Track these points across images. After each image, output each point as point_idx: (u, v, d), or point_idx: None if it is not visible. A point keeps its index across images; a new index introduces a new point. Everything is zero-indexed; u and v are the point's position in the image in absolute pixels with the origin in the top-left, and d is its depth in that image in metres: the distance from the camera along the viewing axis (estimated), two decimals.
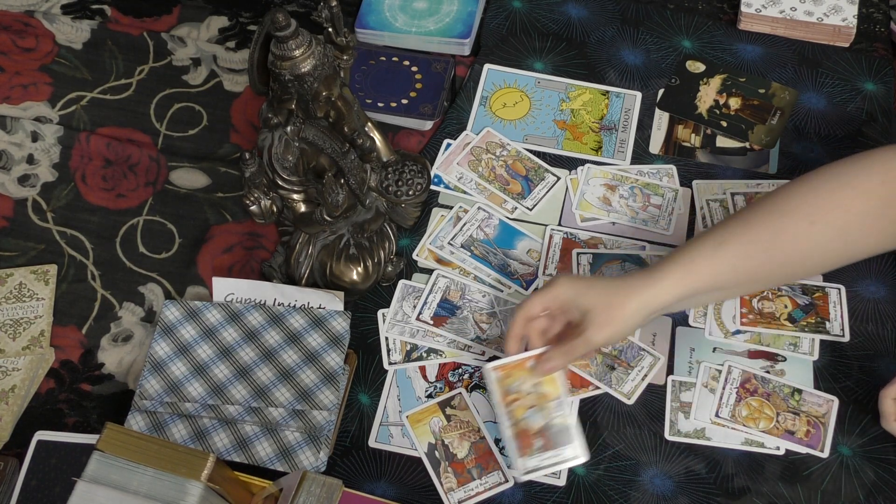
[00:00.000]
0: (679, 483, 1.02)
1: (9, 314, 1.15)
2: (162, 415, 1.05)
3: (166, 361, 1.08)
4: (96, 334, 1.15)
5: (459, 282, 1.15)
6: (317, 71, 0.96)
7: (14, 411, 1.09)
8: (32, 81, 1.34)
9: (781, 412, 1.05)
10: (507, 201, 1.21)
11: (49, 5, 1.41)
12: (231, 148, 1.29)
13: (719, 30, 1.35)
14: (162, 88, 1.33)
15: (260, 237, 1.21)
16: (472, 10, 1.35)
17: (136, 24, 1.39)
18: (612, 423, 1.06)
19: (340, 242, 1.13)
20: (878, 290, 1.12)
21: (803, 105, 1.27)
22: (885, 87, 1.28)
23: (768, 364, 1.08)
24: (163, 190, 1.25)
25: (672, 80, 1.30)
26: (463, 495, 1.01)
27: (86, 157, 1.27)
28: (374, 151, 1.06)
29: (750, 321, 1.10)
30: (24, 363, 1.12)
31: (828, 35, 1.32)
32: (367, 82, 1.31)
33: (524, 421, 1.00)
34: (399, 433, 1.06)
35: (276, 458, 1.02)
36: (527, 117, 1.28)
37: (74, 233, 1.22)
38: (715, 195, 1.20)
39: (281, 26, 0.92)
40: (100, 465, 0.84)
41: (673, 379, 1.08)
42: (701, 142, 1.25)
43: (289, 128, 1.02)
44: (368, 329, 1.13)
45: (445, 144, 1.26)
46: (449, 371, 1.10)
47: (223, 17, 1.40)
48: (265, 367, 1.07)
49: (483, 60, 1.33)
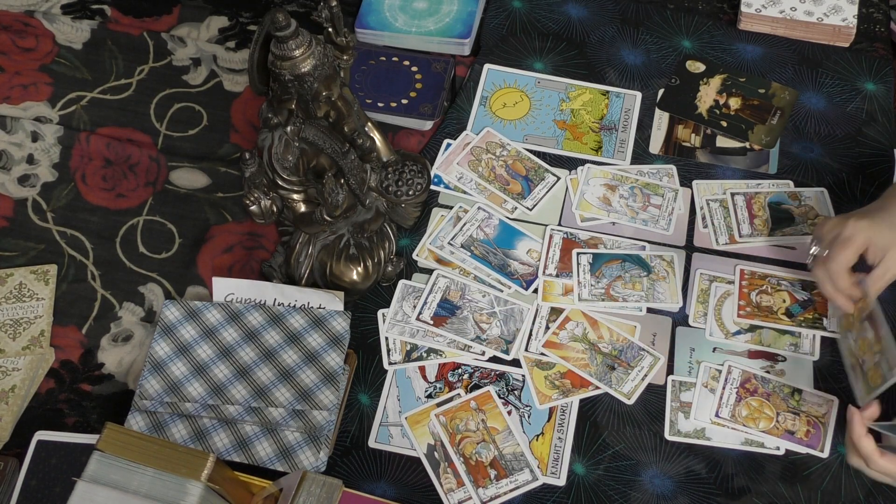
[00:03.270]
0: (679, 483, 1.02)
1: (9, 314, 1.15)
2: (162, 415, 1.05)
3: (166, 361, 1.08)
4: (96, 334, 1.15)
5: (459, 282, 1.15)
6: (317, 71, 0.96)
7: (14, 411, 1.09)
8: (32, 81, 1.34)
9: (781, 412, 1.05)
10: (507, 201, 1.21)
11: (49, 5, 1.41)
12: (231, 148, 1.29)
13: (719, 30, 1.35)
14: (162, 88, 1.33)
15: (260, 237, 1.21)
16: (472, 10, 1.35)
17: (136, 24, 1.39)
18: (612, 423, 1.06)
19: (340, 242, 1.13)
20: None
21: (803, 105, 1.27)
22: (885, 87, 1.28)
23: (768, 364, 1.08)
24: (163, 190, 1.25)
25: (672, 80, 1.30)
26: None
27: (86, 157, 1.27)
28: (374, 151, 1.06)
29: (747, 314, 1.10)
30: (24, 363, 1.12)
31: (828, 35, 1.32)
32: (367, 82, 1.31)
33: (475, 455, 1.03)
34: (399, 433, 1.06)
35: (276, 458, 1.02)
36: (527, 117, 1.28)
37: (74, 233, 1.22)
38: (715, 195, 1.20)
39: (281, 26, 0.92)
40: (100, 465, 0.84)
41: (673, 379, 1.08)
42: (701, 142, 1.25)
43: (289, 128, 1.02)
44: (368, 329, 1.13)
45: (445, 144, 1.26)
46: (449, 371, 1.10)
47: (223, 17, 1.40)
48: (265, 367, 1.07)
49: (483, 60, 1.33)
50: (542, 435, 1.05)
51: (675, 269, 1.15)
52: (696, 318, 1.11)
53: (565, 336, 1.11)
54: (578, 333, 1.11)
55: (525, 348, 1.10)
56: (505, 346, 1.10)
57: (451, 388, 1.08)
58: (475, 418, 1.06)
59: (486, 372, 1.09)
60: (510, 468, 1.02)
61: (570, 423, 1.06)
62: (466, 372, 1.09)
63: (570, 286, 1.14)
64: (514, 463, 1.03)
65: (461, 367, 1.10)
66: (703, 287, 1.13)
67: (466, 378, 1.09)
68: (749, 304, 1.11)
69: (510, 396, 1.07)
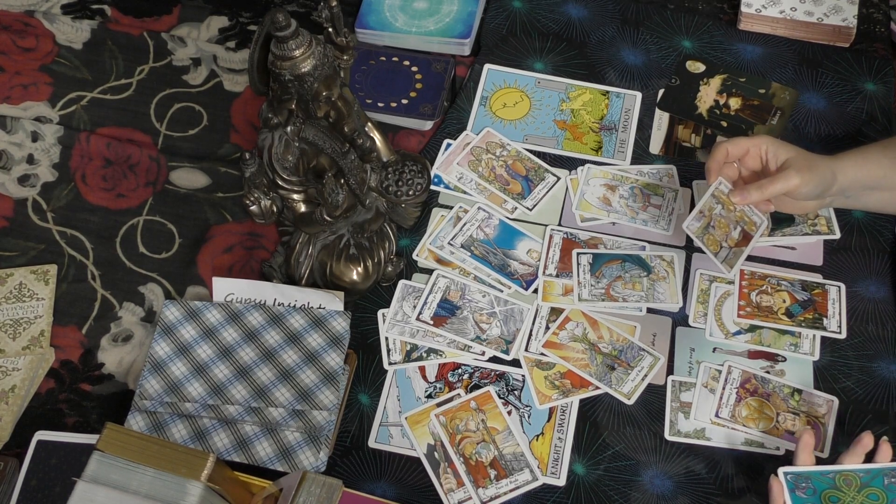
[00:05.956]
0: (679, 483, 1.02)
1: (9, 314, 1.15)
2: (162, 415, 1.05)
3: (166, 361, 1.08)
4: (96, 334, 1.15)
5: (459, 282, 1.15)
6: (317, 71, 0.96)
7: (14, 411, 1.09)
8: (32, 81, 1.34)
9: (781, 412, 1.05)
10: (507, 201, 1.21)
11: (49, 5, 1.41)
12: (231, 148, 1.29)
13: (719, 30, 1.35)
14: (162, 88, 1.33)
15: (260, 237, 1.21)
16: (472, 10, 1.35)
17: (136, 24, 1.39)
18: (612, 423, 1.06)
19: (340, 242, 1.13)
20: (878, 290, 1.12)
21: (803, 105, 1.27)
22: (885, 87, 1.28)
23: (768, 364, 1.08)
24: (163, 190, 1.25)
25: (672, 80, 1.30)
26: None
27: (86, 157, 1.27)
28: (374, 151, 1.06)
29: (748, 314, 1.10)
30: (24, 363, 1.12)
31: (828, 35, 1.32)
32: (367, 82, 1.31)
33: (475, 455, 1.03)
34: (399, 433, 1.06)
35: (276, 458, 1.02)
36: (527, 117, 1.28)
37: (74, 233, 1.22)
38: None
39: (281, 26, 0.92)
40: (100, 465, 0.84)
41: (673, 379, 1.08)
42: (701, 142, 1.25)
43: (289, 128, 1.02)
44: (368, 329, 1.13)
45: (445, 144, 1.26)
46: (449, 371, 1.10)
47: (223, 17, 1.40)
48: (265, 367, 1.07)
49: (483, 60, 1.33)
50: (542, 435, 1.05)
51: (675, 269, 1.15)
52: (696, 319, 1.11)
53: (565, 336, 1.11)
54: (578, 333, 1.11)
55: (525, 348, 1.10)
56: (505, 347, 1.10)
57: (451, 389, 1.08)
58: (475, 418, 1.06)
59: (486, 372, 1.09)
60: (510, 468, 1.02)
61: (570, 423, 1.06)
62: (466, 372, 1.09)
63: (570, 286, 1.14)
64: (514, 463, 1.03)
65: (461, 368, 1.10)
66: (703, 287, 1.13)
67: (466, 378, 1.09)
68: (749, 304, 1.11)
69: (510, 396, 1.07)
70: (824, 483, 0.90)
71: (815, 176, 1.01)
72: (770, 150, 1.04)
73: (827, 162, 1.04)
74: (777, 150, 1.03)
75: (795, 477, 0.91)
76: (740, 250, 1.03)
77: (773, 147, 1.04)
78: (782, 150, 1.03)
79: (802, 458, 0.93)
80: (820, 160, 1.04)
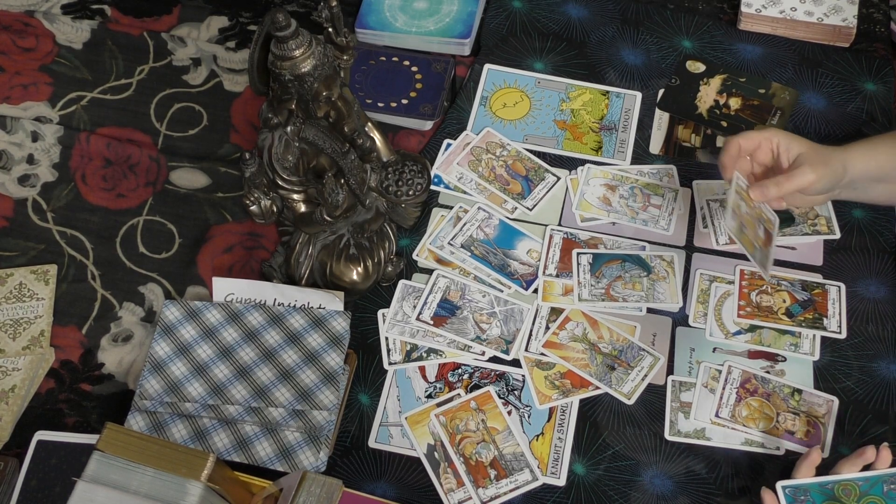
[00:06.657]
0: (679, 483, 1.02)
1: (9, 314, 1.15)
2: (162, 415, 1.05)
3: (166, 361, 1.08)
4: (96, 334, 1.15)
5: (459, 282, 1.15)
6: (317, 71, 0.96)
7: (14, 411, 1.09)
8: (32, 81, 1.34)
9: (781, 412, 1.05)
10: (507, 201, 1.21)
11: (49, 5, 1.41)
12: (231, 148, 1.29)
13: (719, 30, 1.35)
14: (162, 88, 1.33)
15: (260, 237, 1.21)
16: (472, 10, 1.35)
17: (136, 24, 1.39)
18: (612, 423, 1.06)
19: (340, 242, 1.13)
20: (878, 290, 1.12)
21: (803, 105, 1.27)
22: (885, 87, 1.28)
23: (768, 364, 1.08)
24: (163, 190, 1.25)
25: (672, 81, 1.30)
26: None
27: (86, 157, 1.27)
28: (374, 151, 1.06)
29: (748, 314, 1.10)
30: (24, 363, 1.12)
31: (828, 35, 1.32)
32: (367, 82, 1.31)
33: (475, 455, 1.02)
34: (399, 433, 1.06)
35: (276, 458, 1.02)
36: (527, 117, 1.28)
37: (74, 233, 1.22)
38: (715, 195, 1.20)
39: (281, 26, 0.92)
40: (100, 465, 0.84)
41: (673, 379, 1.08)
42: (701, 142, 1.25)
43: (289, 128, 1.02)
44: (368, 329, 1.13)
45: (445, 144, 1.26)
46: (449, 371, 1.10)
47: (223, 17, 1.40)
48: (265, 367, 1.07)
49: (483, 60, 1.33)
50: (542, 435, 1.05)
51: (675, 269, 1.15)
52: (696, 319, 1.11)
53: (565, 336, 1.11)
54: (578, 333, 1.11)
55: (525, 348, 1.10)
56: (505, 347, 1.10)
57: (451, 388, 1.08)
58: (475, 418, 1.06)
59: (486, 372, 1.09)
60: (510, 468, 1.02)
61: (570, 423, 1.06)
62: (466, 372, 1.09)
63: (570, 286, 1.14)
64: (514, 463, 1.03)
65: (461, 367, 1.10)
66: (703, 287, 1.13)
67: (466, 378, 1.09)
68: (749, 304, 1.11)
69: (510, 396, 1.07)
70: (823, 494, 0.90)
71: (829, 171, 1.01)
72: (782, 144, 1.03)
73: (838, 154, 1.03)
74: (789, 144, 1.03)
75: (794, 490, 0.91)
76: (767, 251, 1.02)
77: (785, 140, 1.03)
78: (794, 143, 1.02)
79: (803, 473, 0.93)
80: (831, 153, 1.03)
